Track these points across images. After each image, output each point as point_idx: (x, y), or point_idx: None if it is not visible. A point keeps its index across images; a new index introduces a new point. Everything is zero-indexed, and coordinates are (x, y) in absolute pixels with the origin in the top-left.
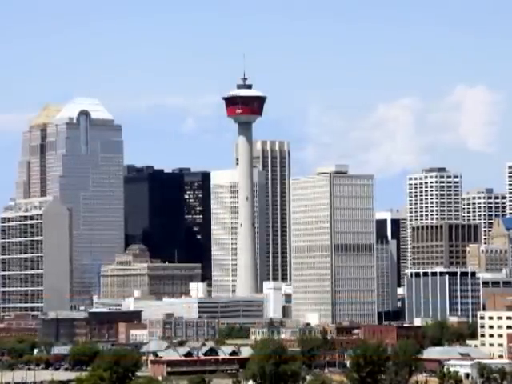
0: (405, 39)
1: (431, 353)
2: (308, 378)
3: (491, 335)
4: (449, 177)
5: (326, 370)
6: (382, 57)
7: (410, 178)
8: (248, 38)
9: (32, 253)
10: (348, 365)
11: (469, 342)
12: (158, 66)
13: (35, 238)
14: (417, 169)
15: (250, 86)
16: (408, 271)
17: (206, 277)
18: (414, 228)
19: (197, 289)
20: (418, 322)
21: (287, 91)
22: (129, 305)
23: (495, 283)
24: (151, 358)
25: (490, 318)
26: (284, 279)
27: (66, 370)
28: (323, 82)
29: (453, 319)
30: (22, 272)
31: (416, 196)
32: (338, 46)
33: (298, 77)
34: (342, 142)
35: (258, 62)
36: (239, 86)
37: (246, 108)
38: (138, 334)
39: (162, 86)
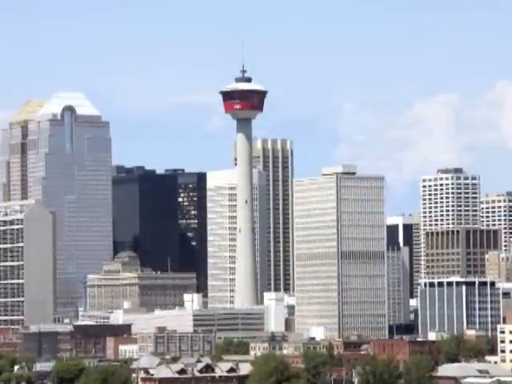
0: (442, 32)
1: (447, 370)
2: None
3: None
4: (466, 178)
5: None
6: (418, 51)
7: (424, 180)
8: (247, 25)
9: (12, 261)
10: (356, 383)
11: (488, 357)
12: (149, 58)
13: (15, 245)
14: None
15: (249, 80)
16: (421, 281)
17: (201, 287)
18: (428, 234)
19: (191, 300)
20: (432, 336)
21: (290, 85)
22: (117, 317)
23: None
24: (142, 375)
25: (511, 332)
26: (286, 289)
27: None
28: (341, 76)
29: (470, 333)
30: (1, 282)
31: (430, 199)
32: (359, 36)
33: (303, 70)
34: (377, 141)
35: (259, 52)
36: (238, 80)
37: (245, 103)
38: (127, 350)
39: (155, 79)
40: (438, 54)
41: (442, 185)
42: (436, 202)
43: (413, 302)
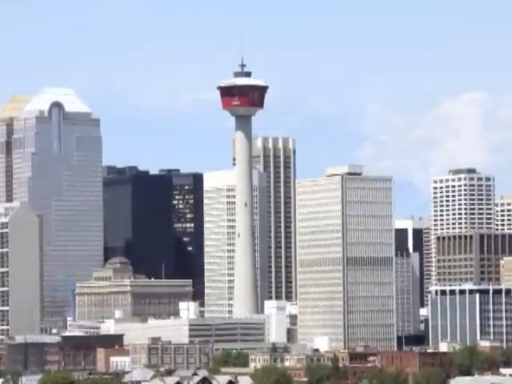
0: (470, 29)
1: (459, 383)
2: None
3: None
4: (480, 179)
5: None
6: (445, 47)
7: (435, 181)
8: (246, 17)
9: None
10: None
11: (502, 370)
12: (143, 53)
13: (0, 250)
14: (485, 169)
15: (248, 74)
16: (432, 288)
17: (197, 295)
18: (439, 238)
19: (187, 309)
20: (443, 347)
21: (292, 81)
22: (108, 327)
23: None
24: None
25: None
26: (288, 297)
27: None
28: (354, 72)
29: (484, 344)
30: None
31: (442, 202)
32: (373, 30)
33: (307, 65)
34: (401, 140)
35: (259, 45)
36: (236, 74)
37: (244, 99)
38: (119, 361)
39: (148, 75)
40: (466, 51)
41: (454, 186)
42: (448, 205)
43: (423, 311)
